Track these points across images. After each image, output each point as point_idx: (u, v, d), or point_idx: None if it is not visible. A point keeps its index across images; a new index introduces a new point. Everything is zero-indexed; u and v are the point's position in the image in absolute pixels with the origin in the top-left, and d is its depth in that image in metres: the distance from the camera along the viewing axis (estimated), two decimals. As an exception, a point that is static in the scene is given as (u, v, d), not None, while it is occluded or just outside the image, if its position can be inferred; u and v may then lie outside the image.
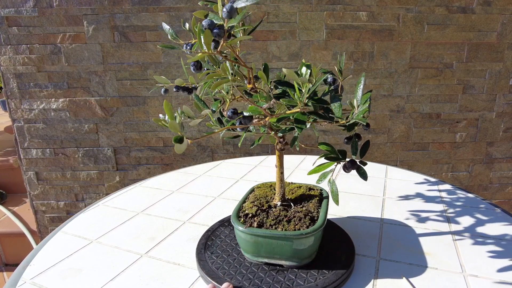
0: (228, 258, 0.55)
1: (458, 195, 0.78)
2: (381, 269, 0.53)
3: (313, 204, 0.56)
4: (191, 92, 0.55)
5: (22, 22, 1.40)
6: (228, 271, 0.51)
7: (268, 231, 0.49)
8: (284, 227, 0.50)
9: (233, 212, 0.54)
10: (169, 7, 1.39)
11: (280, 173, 0.56)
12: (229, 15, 0.37)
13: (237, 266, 0.52)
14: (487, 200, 0.76)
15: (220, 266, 0.53)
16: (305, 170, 0.97)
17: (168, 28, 0.50)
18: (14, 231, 1.73)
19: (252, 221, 0.52)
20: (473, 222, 0.66)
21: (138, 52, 1.44)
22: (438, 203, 0.75)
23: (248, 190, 0.62)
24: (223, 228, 0.64)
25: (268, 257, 0.52)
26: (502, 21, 1.42)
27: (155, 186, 0.89)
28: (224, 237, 0.61)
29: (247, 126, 0.45)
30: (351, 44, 1.44)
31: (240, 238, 0.53)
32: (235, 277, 0.50)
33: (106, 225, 0.69)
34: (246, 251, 0.54)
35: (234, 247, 0.58)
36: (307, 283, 0.48)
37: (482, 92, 1.51)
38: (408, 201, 0.76)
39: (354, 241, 0.60)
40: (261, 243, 0.50)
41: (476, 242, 0.60)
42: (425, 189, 0.82)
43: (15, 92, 1.48)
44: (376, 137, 1.56)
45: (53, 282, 0.53)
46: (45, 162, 1.57)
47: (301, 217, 0.52)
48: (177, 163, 1.58)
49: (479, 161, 1.61)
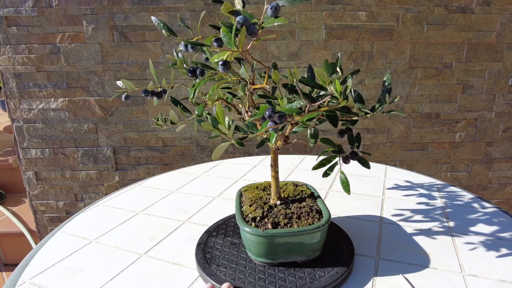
0: (227, 257, 0.55)
1: (457, 195, 0.78)
2: (380, 268, 0.53)
3: (309, 198, 0.57)
4: (160, 97, 0.53)
5: (21, 22, 1.40)
6: (227, 270, 0.51)
7: (287, 230, 0.49)
8: (297, 223, 0.51)
9: (239, 219, 0.52)
10: (169, 6, 1.39)
11: (275, 172, 0.56)
12: (275, 14, 0.36)
13: (236, 266, 0.52)
14: (486, 200, 0.76)
15: (219, 265, 0.53)
16: (305, 170, 0.97)
17: (160, 23, 0.47)
18: (13, 231, 1.73)
19: (263, 223, 0.51)
20: (472, 222, 0.66)
21: (138, 52, 1.44)
22: (437, 203, 0.75)
23: (237, 194, 0.60)
24: (222, 228, 0.64)
25: (285, 256, 0.52)
26: (501, 21, 1.42)
27: (154, 186, 0.89)
28: (223, 237, 0.61)
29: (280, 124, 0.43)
30: (351, 44, 1.44)
31: (253, 242, 0.51)
32: (235, 277, 0.50)
33: (106, 225, 0.69)
34: (259, 255, 0.52)
35: (233, 246, 0.58)
36: (307, 283, 0.48)
37: (482, 92, 1.51)
38: (408, 201, 0.76)
39: (353, 241, 0.60)
40: (280, 243, 0.50)
41: (475, 242, 0.60)
42: (424, 189, 0.82)
43: (14, 92, 1.48)
44: (376, 137, 1.56)
45: (53, 282, 0.52)
46: (45, 162, 1.57)
47: (308, 211, 0.53)
48: (177, 163, 1.58)
49: (478, 161, 1.61)
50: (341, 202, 0.76)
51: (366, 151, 1.57)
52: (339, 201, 0.77)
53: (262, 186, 0.63)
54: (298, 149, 1.57)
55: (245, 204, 0.56)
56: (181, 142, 1.55)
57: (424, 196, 0.78)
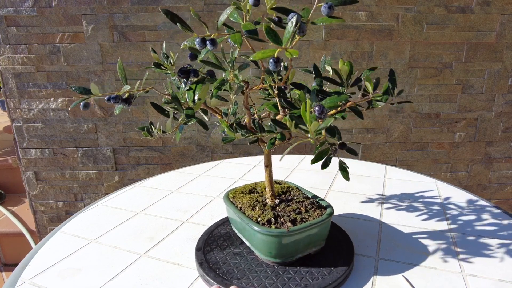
0: (227, 257, 0.55)
1: (457, 195, 0.78)
2: (380, 268, 0.53)
3: (299, 193, 0.60)
4: (130, 103, 0.48)
5: (21, 22, 1.40)
6: (227, 270, 0.51)
7: (309, 223, 0.50)
8: (312, 215, 0.52)
9: (255, 225, 0.50)
10: (168, 6, 1.39)
11: (270, 172, 0.57)
12: (330, 13, 0.37)
13: (236, 265, 0.52)
14: (486, 200, 0.76)
15: (219, 265, 0.53)
16: (305, 170, 0.97)
17: (170, 15, 0.42)
18: (13, 231, 1.73)
19: (280, 223, 0.51)
20: (472, 222, 0.66)
21: (137, 52, 1.44)
22: (437, 203, 0.75)
23: (228, 203, 0.57)
24: (222, 228, 0.64)
25: (303, 251, 0.52)
26: (501, 21, 1.42)
27: (154, 186, 0.89)
28: (223, 237, 0.61)
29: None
30: (350, 44, 1.44)
31: (274, 245, 0.50)
32: (234, 276, 0.50)
33: (105, 225, 0.69)
34: (280, 256, 0.51)
35: (233, 246, 0.58)
36: (306, 283, 0.48)
37: (481, 92, 1.51)
38: (407, 201, 0.76)
39: (353, 241, 0.60)
40: (302, 238, 0.51)
41: (475, 242, 0.60)
42: (424, 189, 0.82)
43: (14, 92, 1.48)
44: (375, 137, 1.56)
45: (52, 282, 0.52)
46: (44, 162, 1.57)
47: (310, 204, 0.55)
48: (176, 163, 1.58)
49: (478, 161, 1.61)
50: (341, 202, 0.76)
51: (365, 151, 1.57)
52: (339, 201, 0.77)
53: (247, 190, 0.61)
54: (298, 149, 1.57)
55: (246, 210, 0.55)
56: (181, 142, 1.55)
57: (423, 196, 0.78)
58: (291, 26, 0.36)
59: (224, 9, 0.51)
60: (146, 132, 0.49)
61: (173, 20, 0.41)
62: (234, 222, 0.59)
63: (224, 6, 1.39)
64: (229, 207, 0.57)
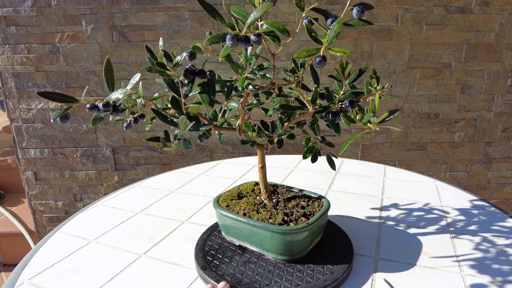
0: (227, 257, 0.55)
1: (456, 195, 0.78)
2: (379, 268, 0.53)
3: (286, 191, 0.62)
4: (118, 111, 0.43)
5: (20, 22, 1.40)
6: (227, 270, 0.51)
7: (320, 213, 0.53)
8: (315, 209, 0.55)
9: (272, 228, 0.50)
10: (168, 6, 1.39)
11: (265, 173, 0.57)
12: (361, 16, 0.40)
13: (236, 265, 0.52)
14: (485, 200, 0.76)
15: (219, 265, 0.53)
16: (304, 170, 0.97)
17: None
18: (12, 231, 1.72)
19: (295, 219, 0.53)
20: (471, 222, 0.66)
21: (137, 52, 1.44)
22: (436, 203, 0.75)
23: (226, 211, 0.55)
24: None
25: (315, 239, 0.55)
26: (500, 21, 1.42)
27: (153, 186, 0.89)
28: (223, 237, 0.60)
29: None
30: (350, 44, 1.44)
31: (294, 242, 0.50)
32: (234, 276, 0.50)
33: (105, 225, 0.69)
34: (294, 253, 0.52)
35: (233, 246, 0.57)
36: (306, 283, 0.48)
37: (480, 92, 1.51)
38: (407, 201, 0.76)
39: (352, 241, 0.60)
40: (315, 230, 0.53)
41: (474, 241, 0.60)
42: (423, 189, 0.82)
43: (13, 91, 1.47)
44: (375, 137, 1.56)
45: (51, 283, 0.52)
46: (44, 162, 1.57)
47: (304, 198, 0.59)
48: (176, 163, 1.58)
49: (477, 161, 1.61)
50: (341, 202, 0.76)
51: (365, 151, 1.58)
52: (338, 201, 0.77)
53: (235, 195, 0.61)
54: (297, 149, 1.57)
55: (252, 215, 0.54)
56: (180, 142, 1.55)
57: (423, 196, 0.78)
58: (337, 26, 0.38)
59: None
60: (160, 144, 0.43)
61: (212, 14, 0.39)
62: (235, 230, 0.56)
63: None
64: (230, 216, 0.54)
